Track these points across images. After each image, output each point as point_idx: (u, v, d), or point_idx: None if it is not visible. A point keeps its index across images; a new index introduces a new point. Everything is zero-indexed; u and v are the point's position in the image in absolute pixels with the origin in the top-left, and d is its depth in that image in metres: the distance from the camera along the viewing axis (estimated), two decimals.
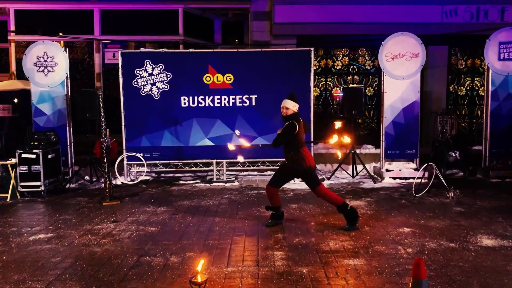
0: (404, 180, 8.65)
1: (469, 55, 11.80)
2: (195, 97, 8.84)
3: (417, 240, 5.10)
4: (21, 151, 7.51)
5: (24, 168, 7.49)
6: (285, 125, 5.52)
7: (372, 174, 9.16)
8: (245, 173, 9.52)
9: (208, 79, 8.82)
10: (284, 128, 5.51)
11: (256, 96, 8.86)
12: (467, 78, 11.88)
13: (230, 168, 9.21)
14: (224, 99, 8.84)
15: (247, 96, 8.85)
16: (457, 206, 6.67)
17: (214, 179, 8.86)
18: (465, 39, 10.84)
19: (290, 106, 5.57)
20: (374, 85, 11.76)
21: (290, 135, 5.47)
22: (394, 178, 8.75)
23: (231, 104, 8.85)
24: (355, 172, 9.13)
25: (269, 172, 9.45)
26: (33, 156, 7.50)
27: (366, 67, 11.77)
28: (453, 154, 9.42)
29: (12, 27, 10.92)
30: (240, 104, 8.86)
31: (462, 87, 11.89)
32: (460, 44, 11.50)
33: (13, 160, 7.50)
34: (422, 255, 4.57)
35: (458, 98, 11.95)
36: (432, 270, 4.17)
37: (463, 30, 10.39)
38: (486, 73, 9.22)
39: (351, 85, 11.56)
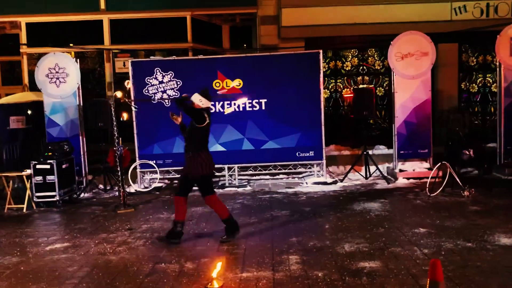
0: (418, 180, 8.57)
1: (480, 51, 11.67)
2: None
3: (433, 240, 5.04)
4: (35, 162, 7.61)
5: (39, 178, 7.58)
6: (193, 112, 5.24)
7: (386, 174, 9.09)
8: (257, 177, 9.50)
9: (217, 85, 8.85)
10: (194, 113, 5.21)
11: (265, 100, 8.86)
12: (479, 75, 11.74)
13: (242, 172, 9.21)
14: (234, 104, 8.86)
15: (257, 101, 8.86)
16: (473, 205, 6.59)
17: (226, 184, 8.87)
18: (475, 36, 10.72)
19: (196, 101, 5.26)
20: (384, 85, 11.68)
21: (199, 116, 5.17)
22: (408, 178, 8.67)
23: (241, 109, 8.86)
24: (368, 173, 9.07)
25: (281, 176, 9.44)
26: (48, 166, 7.59)
27: (376, 68, 11.71)
28: (467, 152, 9.29)
29: (24, 40, 11.09)
30: (250, 109, 8.87)
31: (474, 84, 11.75)
32: (470, 41, 11.37)
33: (28, 171, 7.59)
34: (438, 256, 4.51)
35: (470, 95, 11.81)
36: (449, 271, 4.12)
37: (473, 27, 10.28)
38: (498, 69, 9.10)
39: (361, 86, 11.50)
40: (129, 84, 6.42)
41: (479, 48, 11.65)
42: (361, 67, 11.71)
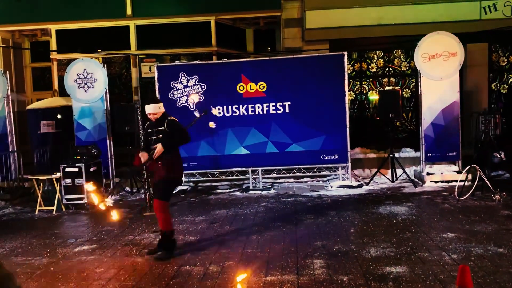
0: (446, 184, 8.37)
1: (511, 51, 11.34)
2: (230, 107, 8.91)
3: (462, 245, 4.91)
4: (65, 165, 7.80)
5: (68, 181, 7.77)
6: (171, 124, 5.01)
7: (413, 178, 8.92)
8: (281, 180, 9.48)
9: (241, 88, 8.89)
10: (174, 127, 4.99)
11: (289, 103, 8.84)
12: (510, 75, 11.40)
13: (266, 175, 9.21)
14: (258, 107, 8.88)
15: (281, 103, 8.85)
16: (504, 209, 6.39)
17: (251, 187, 8.88)
18: (506, 35, 10.41)
19: (156, 109, 5.04)
20: (411, 86, 11.48)
21: (185, 132, 5.02)
22: (436, 182, 8.49)
23: (265, 112, 8.87)
24: (394, 176, 8.92)
25: (305, 179, 9.39)
26: (76, 169, 7.77)
27: (402, 69, 11.52)
28: (498, 155, 9.03)
29: (54, 47, 11.40)
30: (274, 112, 8.87)
31: (505, 85, 11.41)
32: (501, 40, 11.06)
33: (58, 174, 7.79)
34: (468, 262, 4.39)
35: (501, 96, 11.47)
36: (479, 277, 4.00)
37: (503, 26, 9.99)
38: None
39: (387, 88, 11.34)
40: None
41: (510, 47, 11.32)
42: (386, 69, 11.55)
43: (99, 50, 11.25)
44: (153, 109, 5.05)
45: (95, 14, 11.07)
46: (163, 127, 5.03)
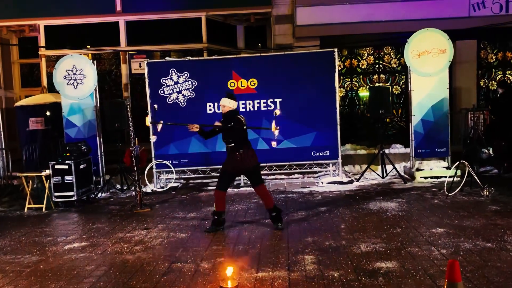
0: (435, 179, 8.45)
1: (499, 48, 11.44)
2: None
3: (451, 240, 4.96)
4: (54, 162, 7.73)
5: (57, 178, 7.70)
6: (231, 119, 5.66)
7: (403, 174, 8.99)
8: (272, 177, 9.50)
9: (232, 84, 8.87)
10: (231, 122, 5.65)
11: (280, 99, 8.84)
12: (498, 72, 11.51)
13: None
14: (249, 103, 8.86)
15: (272, 100, 8.85)
16: (492, 205, 6.46)
17: (242, 184, 8.88)
18: (494, 32, 10.51)
19: (226, 103, 5.71)
20: (401, 83, 11.55)
21: (238, 121, 5.66)
22: (425, 178, 8.56)
23: (256, 109, 8.86)
24: (384, 172, 8.98)
25: (296, 175, 9.41)
26: (66, 167, 7.70)
27: (392, 66, 11.58)
28: (486, 151, 9.13)
29: (42, 43, 11.27)
30: (265, 108, 8.86)
31: (493, 81, 11.53)
32: (489, 37, 11.16)
33: (47, 171, 7.72)
34: (457, 256, 4.44)
35: (489, 92, 11.59)
36: (468, 272, 4.05)
37: (492, 23, 10.08)
38: None
39: (377, 84, 11.39)
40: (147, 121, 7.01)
41: (499, 44, 11.43)
42: (377, 65, 11.60)
43: (88, 46, 11.15)
44: (222, 101, 5.74)
45: (84, 9, 10.95)
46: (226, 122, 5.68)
